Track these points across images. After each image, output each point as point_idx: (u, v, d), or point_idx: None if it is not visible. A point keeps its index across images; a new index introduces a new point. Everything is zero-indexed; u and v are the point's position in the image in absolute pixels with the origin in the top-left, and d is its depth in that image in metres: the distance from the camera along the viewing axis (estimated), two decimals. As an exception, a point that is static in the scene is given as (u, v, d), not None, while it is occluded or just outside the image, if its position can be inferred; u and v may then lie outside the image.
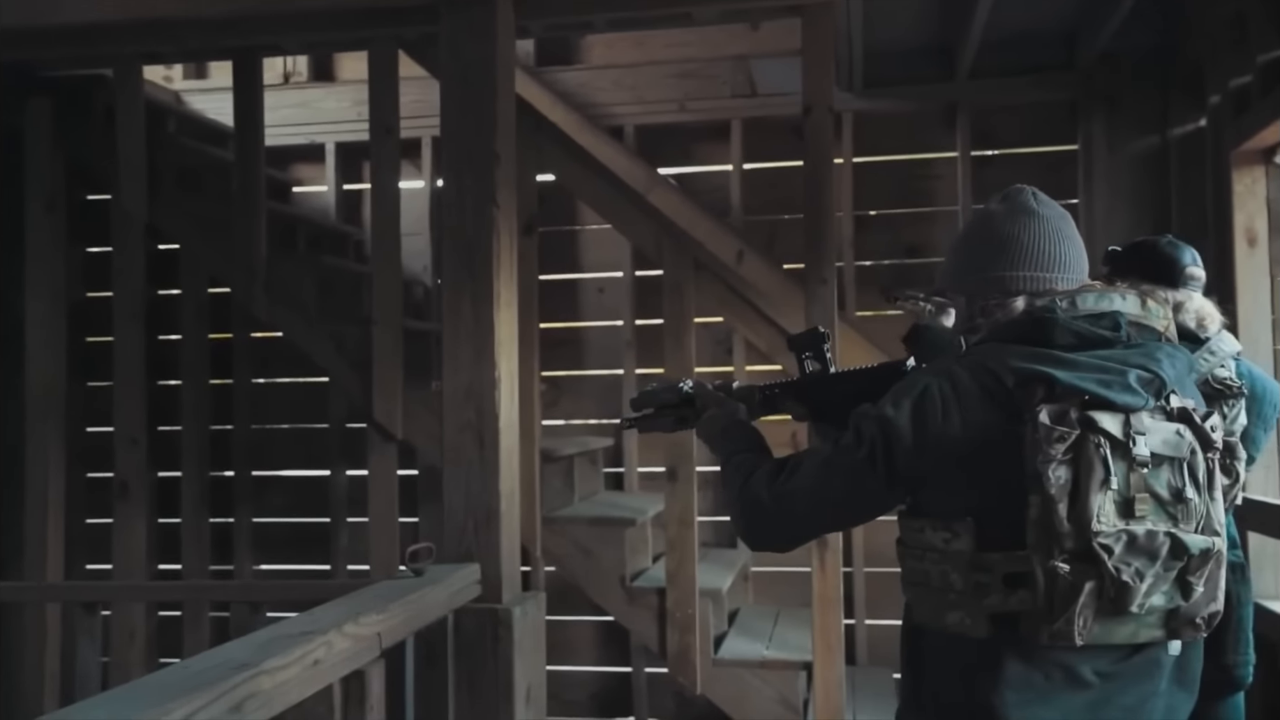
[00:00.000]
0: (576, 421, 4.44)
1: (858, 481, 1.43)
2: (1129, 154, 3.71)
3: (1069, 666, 1.38)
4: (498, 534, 2.44)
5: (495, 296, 2.46)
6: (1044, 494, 1.33)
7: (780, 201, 4.24)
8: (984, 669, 1.39)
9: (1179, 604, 1.37)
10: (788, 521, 1.49)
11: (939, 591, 1.41)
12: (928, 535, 1.43)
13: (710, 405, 1.75)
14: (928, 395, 1.43)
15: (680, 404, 1.79)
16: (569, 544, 3.43)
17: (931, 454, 1.41)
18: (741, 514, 1.51)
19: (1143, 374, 1.39)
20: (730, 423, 1.70)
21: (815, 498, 1.46)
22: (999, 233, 1.52)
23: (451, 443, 2.47)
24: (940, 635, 1.42)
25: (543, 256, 4.36)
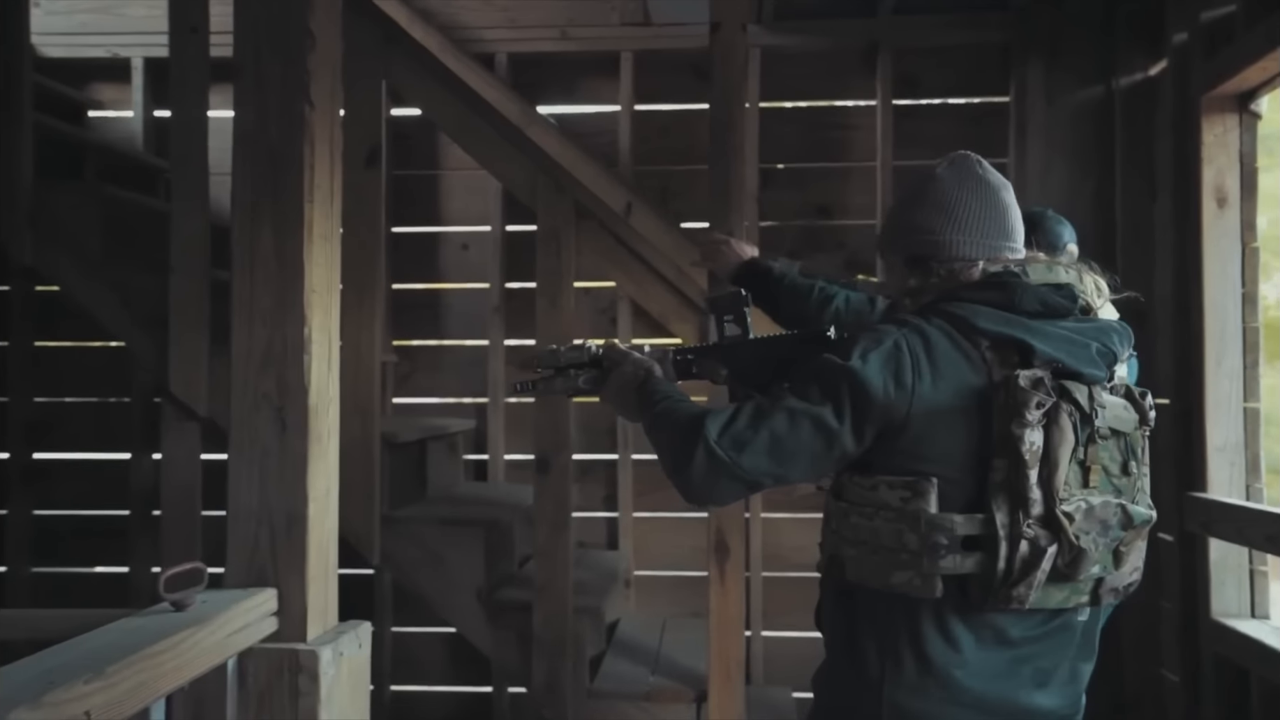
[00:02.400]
0: (434, 400, 3.79)
1: (822, 432, 1.40)
2: (1068, 106, 3.27)
3: (1000, 628, 1.41)
4: (303, 548, 1.80)
5: (307, 227, 1.82)
6: (1014, 458, 1.36)
7: (675, 150, 3.67)
8: (925, 628, 1.41)
9: (1109, 573, 1.42)
10: (741, 471, 1.39)
11: (889, 551, 1.41)
12: (882, 493, 1.42)
13: (622, 363, 1.66)
14: (899, 349, 1.41)
15: (587, 364, 1.70)
16: (415, 548, 2.81)
17: (901, 409, 1.39)
18: (686, 464, 1.40)
19: (1100, 348, 1.45)
20: (649, 376, 1.62)
21: (778, 447, 1.39)
22: (948, 197, 1.53)
23: (240, 424, 1.82)
24: (879, 595, 1.42)
25: (396, 205, 3.73)
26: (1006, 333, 1.41)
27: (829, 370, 1.42)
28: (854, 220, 3.61)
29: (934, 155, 3.50)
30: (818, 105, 3.66)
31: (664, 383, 1.61)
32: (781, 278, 2.32)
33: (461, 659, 3.56)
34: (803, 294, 2.25)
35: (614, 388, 1.64)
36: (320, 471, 1.87)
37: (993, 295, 1.46)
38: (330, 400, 1.91)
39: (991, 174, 1.58)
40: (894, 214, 1.62)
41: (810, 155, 3.64)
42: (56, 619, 1.80)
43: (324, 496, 1.89)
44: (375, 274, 2.78)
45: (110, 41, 3.73)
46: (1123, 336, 1.50)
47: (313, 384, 1.84)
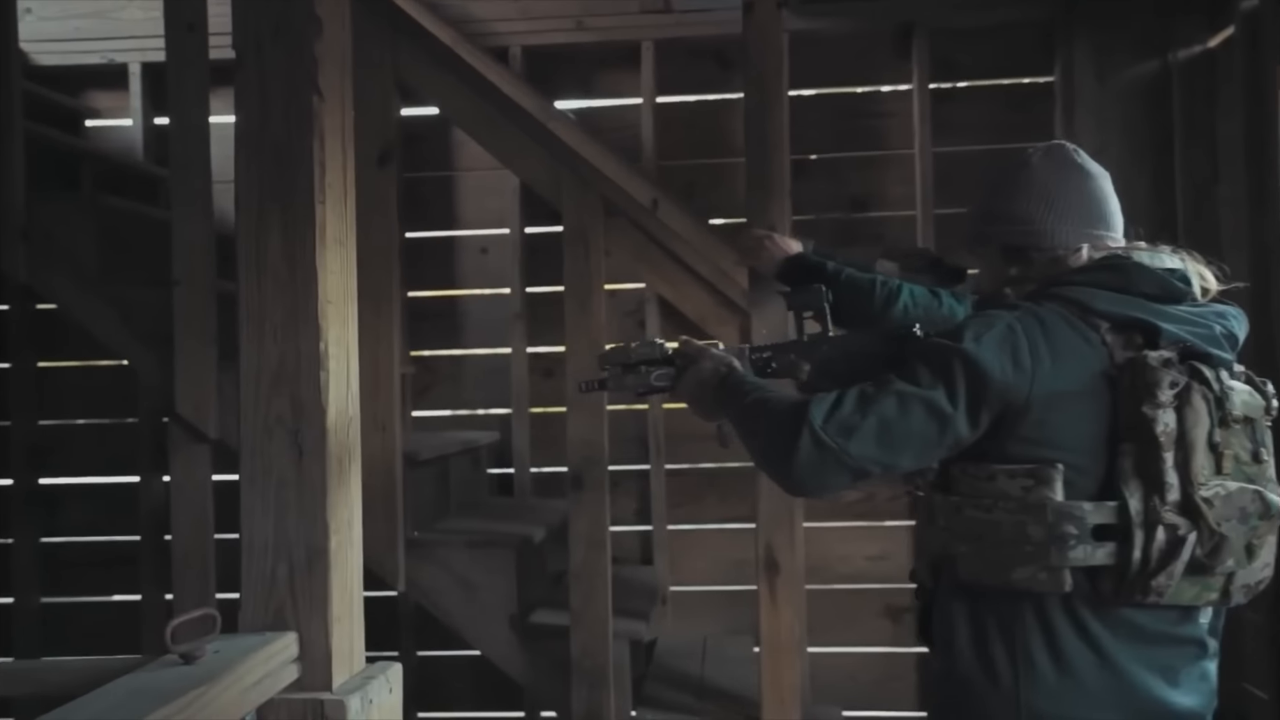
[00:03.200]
0: (452, 412, 3.61)
1: (935, 417, 1.35)
2: (1121, 83, 3.08)
3: (1136, 623, 1.36)
4: (325, 585, 1.62)
5: (319, 230, 1.64)
6: (1146, 441, 1.31)
7: (701, 144, 3.49)
8: (1058, 625, 1.35)
9: (1241, 567, 1.35)
10: (849, 459, 1.34)
11: (1010, 545, 1.36)
12: (1000, 483, 1.37)
13: (699, 359, 1.61)
14: (1014, 332, 1.37)
15: (660, 361, 1.65)
16: (442, 573, 2.63)
17: (1020, 392, 1.34)
18: (789, 453, 1.35)
19: (1223, 330, 1.42)
20: (731, 371, 1.57)
21: (887, 433, 1.34)
22: (1046, 185, 1.50)
23: (252, 450, 1.64)
24: (1001, 593, 1.37)
25: (409, 209, 3.56)
26: (1129, 314, 1.37)
27: (940, 353, 1.36)
28: (891, 212, 3.42)
29: (975, 141, 3.35)
30: (850, 91, 3.48)
31: (750, 376, 1.55)
32: (838, 274, 2.15)
33: (489, 683, 3.38)
34: (864, 290, 2.08)
35: (691, 384, 1.59)
36: (342, 500, 1.69)
37: (1107, 278, 1.42)
38: (350, 420, 1.73)
39: (1089, 162, 1.55)
40: (985, 204, 1.57)
41: (843, 145, 3.46)
42: (60, 671, 1.62)
43: (347, 527, 1.71)
44: (391, 281, 2.60)
45: (106, 47, 3.57)
46: (1240, 321, 1.48)
47: (331, 403, 1.66)
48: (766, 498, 2.50)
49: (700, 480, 3.50)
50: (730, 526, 3.49)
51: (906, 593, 3.48)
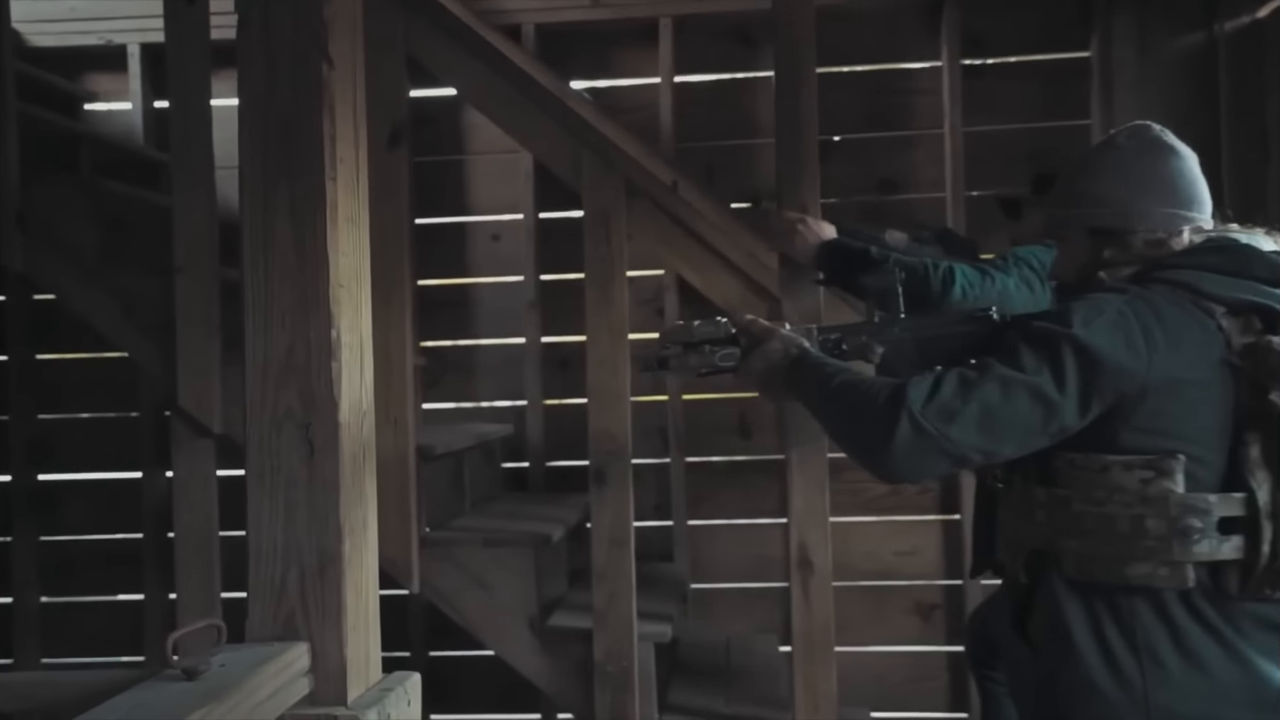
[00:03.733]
0: (461, 405, 3.49)
1: (1041, 404, 1.30)
2: (1163, 56, 2.95)
3: (1260, 615, 1.31)
4: (338, 591, 1.50)
5: (329, 209, 1.51)
6: (1274, 430, 1.26)
7: (722, 124, 3.36)
8: (1182, 622, 1.30)
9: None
10: (950, 445, 1.30)
11: (1125, 540, 1.32)
12: (1115, 475, 1.32)
13: (767, 339, 1.56)
14: (1125, 316, 1.33)
15: (724, 340, 1.61)
16: (458, 573, 2.51)
17: (1136, 380, 1.30)
18: (886, 439, 1.31)
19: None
20: (804, 352, 1.53)
21: (990, 420, 1.30)
22: (1137, 166, 1.47)
23: (259, 446, 1.52)
24: (1116, 589, 1.33)
25: (420, 195, 3.43)
26: (1244, 298, 1.33)
27: (1047, 337, 1.31)
28: (922, 194, 3.29)
29: (1008, 120, 3.21)
30: (877, 69, 3.34)
31: (820, 357, 1.51)
32: (885, 258, 2.03)
33: (503, 684, 3.26)
34: (918, 274, 1.96)
35: (759, 365, 1.55)
36: (356, 499, 1.57)
37: (1216, 260, 1.38)
38: (364, 414, 1.61)
39: (1178, 142, 1.52)
40: (1069, 187, 1.54)
41: (871, 125, 3.33)
42: (52, 686, 1.51)
43: (362, 528, 1.59)
44: (402, 268, 2.48)
45: (104, 28, 3.44)
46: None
47: (344, 395, 1.53)
48: (799, 492, 2.38)
49: (721, 473, 3.38)
50: (753, 523, 3.37)
51: (936, 590, 3.38)
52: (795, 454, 2.38)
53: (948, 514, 3.28)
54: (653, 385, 1.67)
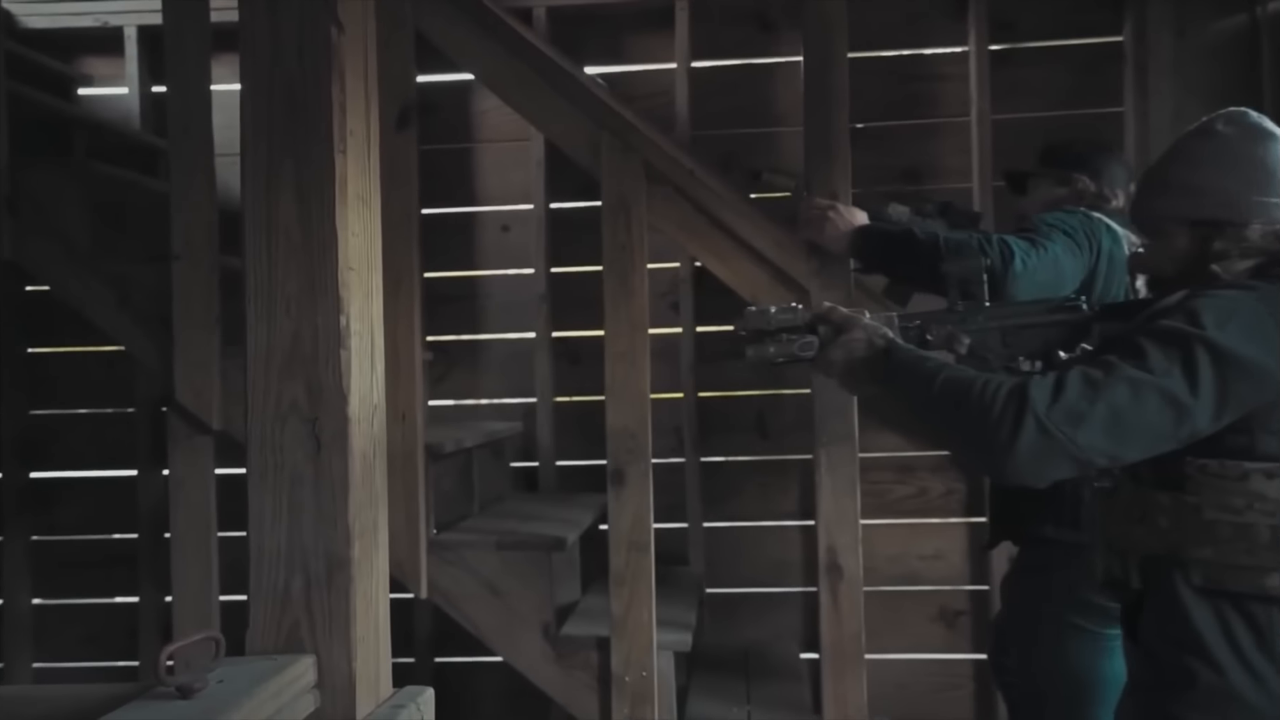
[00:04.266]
0: (473, 401, 3.37)
1: (1171, 407, 1.26)
2: (1203, 39, 2.83)
3: None
4: (347, 600, 1.39)
5: (339, 185, 1.40)
6: None
7: (739, 112, 3.24)
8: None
9: None
10: (1076, 449, 1.26)
11: (1267, 549, 1.27)
12: (1255, 483, 1.27)
13: (850, 328, 1.52)
14: (1260, 318, 1.28)
15: (802, 328, 1.56)
16: (468, 578, 2.39)
17: (1274, 385, 1.26)
18: (1009, 440, 1.27)
19: None
20: (892, 343, 1.49)
21: (1117, 423, 1.26)
22: (1242, 154, 1.42)
23: (261, 442, 1.40)
24: (1253, 599, 1.28)
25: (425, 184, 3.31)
26: None
27: (1178, 337, 1.27)
28: (947, 184, 3.17)
29: (1037, 107, 3.08)
30: (901, 54, 3.22)
31: (913, 349, 1.46)
32: (934, 241, 1.92)
33: (512, 692, 3.14)
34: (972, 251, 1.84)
35: (840, 355, 1.51)
36: (366, 500, 1.45)
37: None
38: (375, 408, 1.49)
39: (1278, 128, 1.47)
40: (1166, 176, 1.49)
41: (894, 112, 3.21)
42: (33, 704, 1.38)
43: (372, 531, 1.47)
44: (411, 257, 2.37)
45: (100, 9, 3.32)
46: None
47: (353, 387, 1.42)
48: (828, 494, 2.26)
49: (738, 473, 3.26)
50: (772, 525, 3.25)
51: (962, 595, 3.27)
52: (825, 454, 2.27)
53: (973, 517, 3.16)
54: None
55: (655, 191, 2.31)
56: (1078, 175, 2.22)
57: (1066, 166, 2.25)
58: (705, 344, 3.23)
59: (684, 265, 3.21)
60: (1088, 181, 2.21)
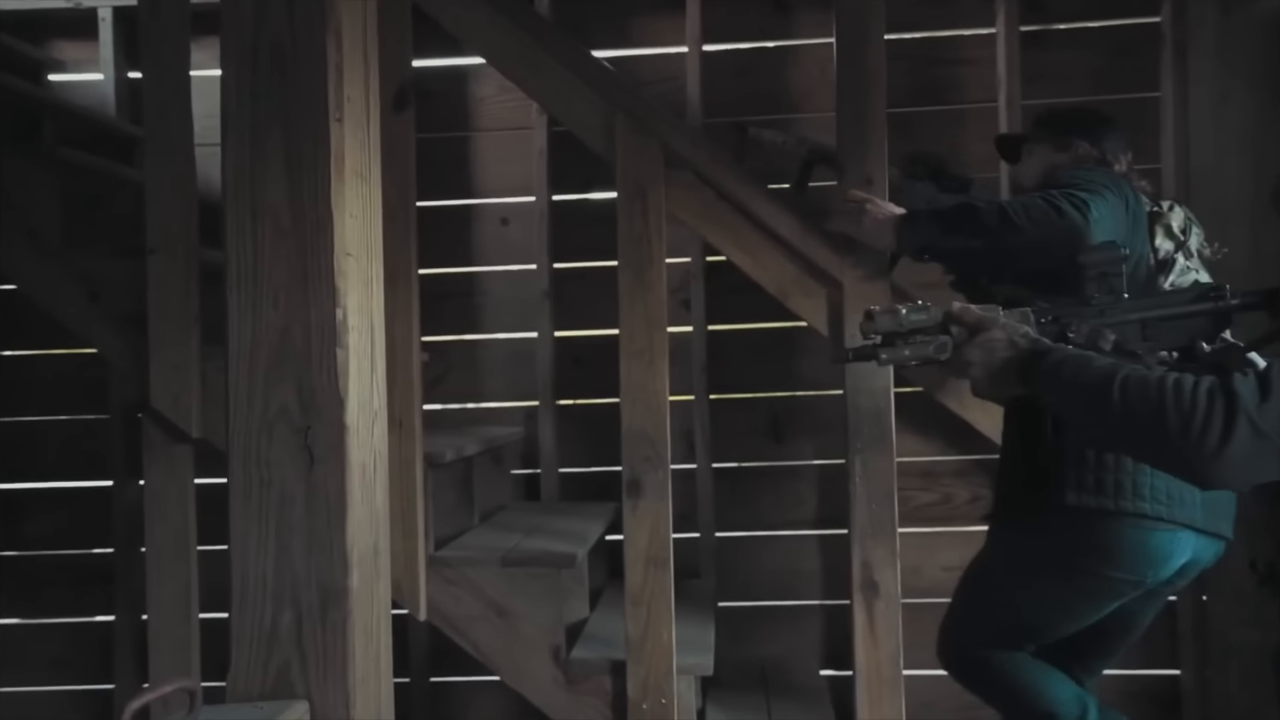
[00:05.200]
0: (471, 405, 3.18)
1: None
2: (1250, 17, 2.66)
3: None
4: (344, 636, 1.20)
5: (334, 158, 1.21)
6: None
7: (753, 97, 3.06)
8: None
9: None
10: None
11: None
12: None
13: (989, 328, 1.46)
14: None
15: (935, 328, 1.51)
16: (471, 599, 2.20)
17: None
18: (1220, 443, 1.20)
19: None
20: (1037, 342, 1.42)
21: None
22: None
23: (245, 455, 1.21)
24: None
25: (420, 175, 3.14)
26: None
27: None
28: (974, 174, 2.99)
29: (1069, 92, 2.90)
30: (926, 37, 3.04)
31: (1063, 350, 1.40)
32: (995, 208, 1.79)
33: (516, 714, 2.96)
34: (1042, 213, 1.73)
35: (978, 356, 1.45)
36: (365, 520, 1.26)
37: None
38: (376, 414, 1.31)
39: None
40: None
41: (918, 98, 3.03)
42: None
43: (372, 557, 1.29)
44: (409, 249, 2.18)
45: (72, -11, 3.12)
46: None
47: (352, 391, 1.23)
48: (862, 504, 2.09)
49: (753, 481, 3.09)
50: (788, 534, 3.07)
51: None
52: (860, 461, 2.09)
53: (1001, 525, 2.99)
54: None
55: (674, 178, 2.13)
56: (1077, 140, 2.12)
57: (1065, 131, 2.15)
58: (717, 343, 3.05)
59: (695, 260, 3.03)
60: (1088, 146, 2.11)
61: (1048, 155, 2.16)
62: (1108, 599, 1.91)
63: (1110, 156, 2.11)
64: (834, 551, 3.01)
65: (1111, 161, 2.10)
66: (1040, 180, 2.12)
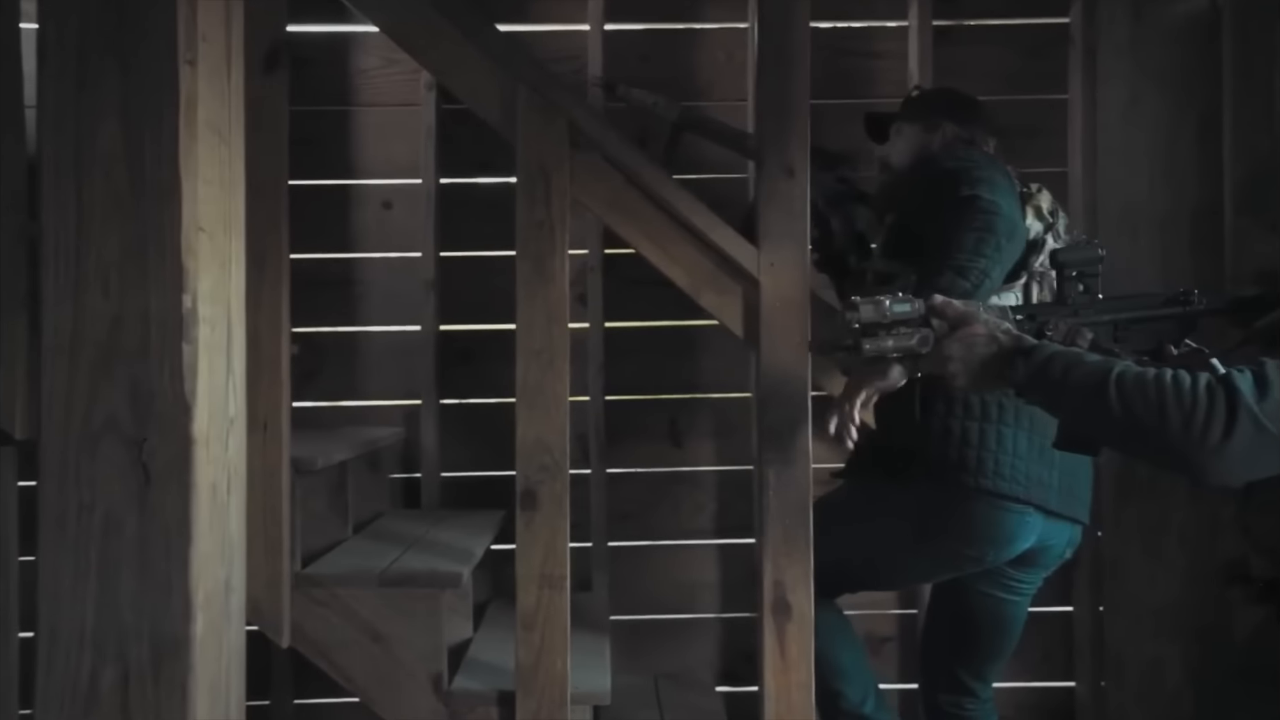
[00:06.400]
0: (347, 404, 2.93)
1: None
2: (1162, 20, 2.62)
3: None
4: (185, 698, 0.97)
5: (185, 106, 0.98)
6: None
7: (657, 83, 2.85)
8: None
9: None
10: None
11: None
12: None
13: (970, 321, 1.44)
14: None
15: (917, 321, 1.47)
16: (343, 622, 1.97)
17: None
18: (1222, 438, 1.22)
19: None
20: (1020, 338, 1.42)
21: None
22: None
23: (61, 471, 0.98)
24: None
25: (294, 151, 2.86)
26: None
27: None
28: (881, 172, 2.90)
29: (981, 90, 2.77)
30: (834, 27, 2.92)
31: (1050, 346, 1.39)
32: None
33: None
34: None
35: (959, 350, 1.43)
36: (214, 551, 1.04)
37: None
38: (232, 422, 1.09)
39: None
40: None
41: (827, 90, 2.87)
42: None
43: (222, 595, 1.06)
44: (279, 230, 1.94)
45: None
46: None
47: (200, 395, 1.01)
48: (776, 519, 1.94)
49: (648, 487, 2.92)
50: (684, 544, 2.92)
51: (889, 620, 2.99)
52: (772, 472, 1.94)
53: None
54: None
55: (580, 160, 1.94)
56: (945, 122, 2.16)
57: (933, 113, 2.19)
58: (615, 341, 2.88)
59: (593, 253, 2.85)
60: (955, 128, 2.15)
61: (916, 135, 2.18)
62: (943, 569, 2.00)
63: (979, 139, 2.14)
64: (734, 562, 2.88)
65: (980, 144, 2.13)
66: (912, 161, 2.15)
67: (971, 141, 2.13)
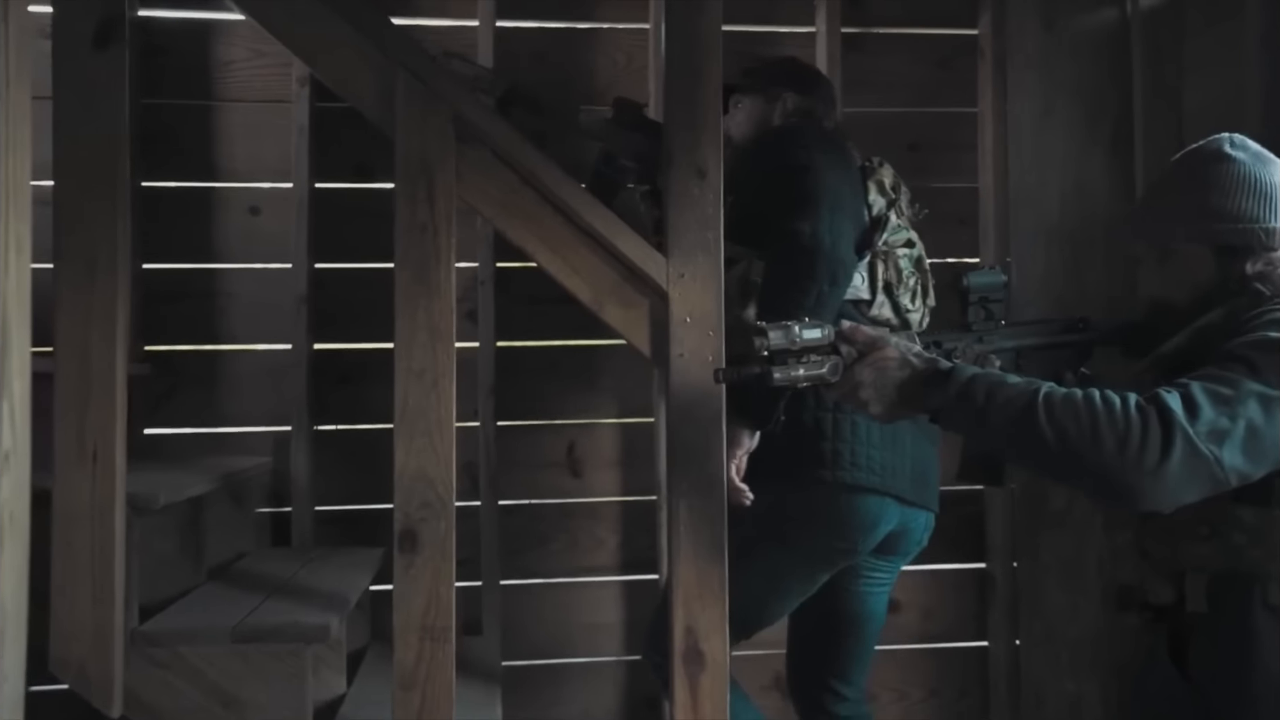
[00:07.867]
0: (208, 430, 2.63)
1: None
2: (1071, 33, 2.54)
3: None
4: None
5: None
6: None
7: (553, 83, 2.69)
8: None
9: None
10: (1220, 470, 1.21)
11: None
12: None
13: (881, 346, 1.39)
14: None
15: (827, 347, 1.40)
16: (189, 687, 1.69)
17: None
18: (1158, 460, 1.19)
19: None
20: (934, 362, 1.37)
21: (1254, 441, 1.22)
22: (1258, 180, 1.44)
23: None
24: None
25: (148, 151, 2.59)
26: None
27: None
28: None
29: (891, 101, 2.75)
30: (740, 31, 2.76)
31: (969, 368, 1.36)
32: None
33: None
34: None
35: (869, 376, 1.37)
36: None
37: None
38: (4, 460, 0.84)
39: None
40: (1181, 200, 1.49)
41: (730, 96, 2.76)
42: None
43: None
44: (115, 229, 1.67)
45: None
46: None
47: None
48: (688, 559, 1.74)
49: (545, 521, 2.71)
50: (579, 581, 2.71)
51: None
52: (684, 507, 1.75)
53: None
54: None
55: (468, 155, 1.72)
56: (785, 92, 2.12)
57: (773, 83, 2.14)
58: (507, 361, 2.66)
59: (484, 265, 2.64)
60: (796, 99, 2.11)
61: (757, 107, 2.14)
62: (821, 569, 1.95)
63: (821, 110, 2.12)
64: (637, 601, 2.68)
65: (821, 116, 2.11)
66: (751, 131, 2.11)
67: (811, 112, 2.09)
